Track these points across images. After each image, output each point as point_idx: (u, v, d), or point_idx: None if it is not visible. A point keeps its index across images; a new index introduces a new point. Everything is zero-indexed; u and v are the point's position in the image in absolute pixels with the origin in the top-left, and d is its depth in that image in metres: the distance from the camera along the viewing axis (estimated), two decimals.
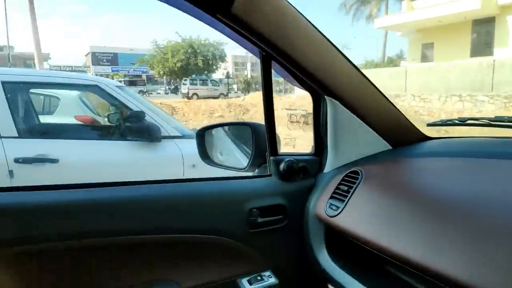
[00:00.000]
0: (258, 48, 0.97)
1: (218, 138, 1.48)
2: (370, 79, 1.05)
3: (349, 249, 0.93)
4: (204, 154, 1.26)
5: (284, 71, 1.03)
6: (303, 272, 1.08)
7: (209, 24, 0.96)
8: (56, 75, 3.53)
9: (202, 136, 1.27)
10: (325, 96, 1.04)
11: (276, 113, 1.08)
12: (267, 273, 1.02)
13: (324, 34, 0.97)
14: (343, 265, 0.93)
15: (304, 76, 0.99)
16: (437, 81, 13.83)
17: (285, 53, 0.92)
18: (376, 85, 1.07)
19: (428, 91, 13.83)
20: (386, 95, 1.08)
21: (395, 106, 1.09)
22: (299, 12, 0.92)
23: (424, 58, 18.20)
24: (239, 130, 1.43)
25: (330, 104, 1.04)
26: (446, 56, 16.12)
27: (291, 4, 0.90)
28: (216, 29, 0.97)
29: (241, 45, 1.03)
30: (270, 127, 1.05)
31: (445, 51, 16.78)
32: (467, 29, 16.28)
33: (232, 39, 1.00)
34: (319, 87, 1.02)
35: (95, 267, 0.91)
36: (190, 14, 0.95)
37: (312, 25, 0.94)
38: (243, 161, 1.23)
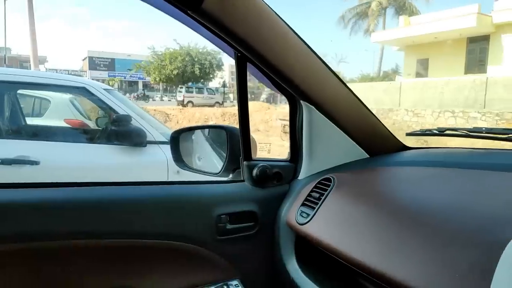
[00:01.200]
0: (233, 49, 0.93)
1: (197, 142, 1.44)
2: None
3: (320, 259, 0.90)
4: (178, 157, 1.21)
5: (260, 74, 1.00)
6: (273, 283, 1.03)
7: (182, 22, 0.93)
8: (43, 75, 3.48)
9: (177, 138, 1.23)
10: (301, 101, 1.01)
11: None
12: (235, 282, 0.98)
13: (302, 37, 0.95)
14: (312, 276, 0.89)
15: (279, 79, 0.96)
16: (431, 96, 13.95)
17: (259, 55, 0.89)
18: (356, 94, 1.04)
19: (422, 106, 13.93)
20: (364, 103, 1.05)
21: (373, 115, 1.07)
22: (276, 13, 0.88)
23: (419, 74, 18.39)
24: (218, 134, 1.39)
25: (306, 109, 1.01)
26: (441, 72, 16.31)
27: (267, 5, 0.87)
28: (190, 27, 0.94)
29: (215, 45, 1.00)
30: (244, 131, 1.01)
31: (440, 67, 16.98)
32: (462, 46, 16.53)
33: (206, 38, 0.97)
34: (295, 91, 0.99)
35: (55, 269, 0.86)
36: (163, 11, 0.91)
37: (289, 27, 0.91)
38: (220, 166, 1.19)
